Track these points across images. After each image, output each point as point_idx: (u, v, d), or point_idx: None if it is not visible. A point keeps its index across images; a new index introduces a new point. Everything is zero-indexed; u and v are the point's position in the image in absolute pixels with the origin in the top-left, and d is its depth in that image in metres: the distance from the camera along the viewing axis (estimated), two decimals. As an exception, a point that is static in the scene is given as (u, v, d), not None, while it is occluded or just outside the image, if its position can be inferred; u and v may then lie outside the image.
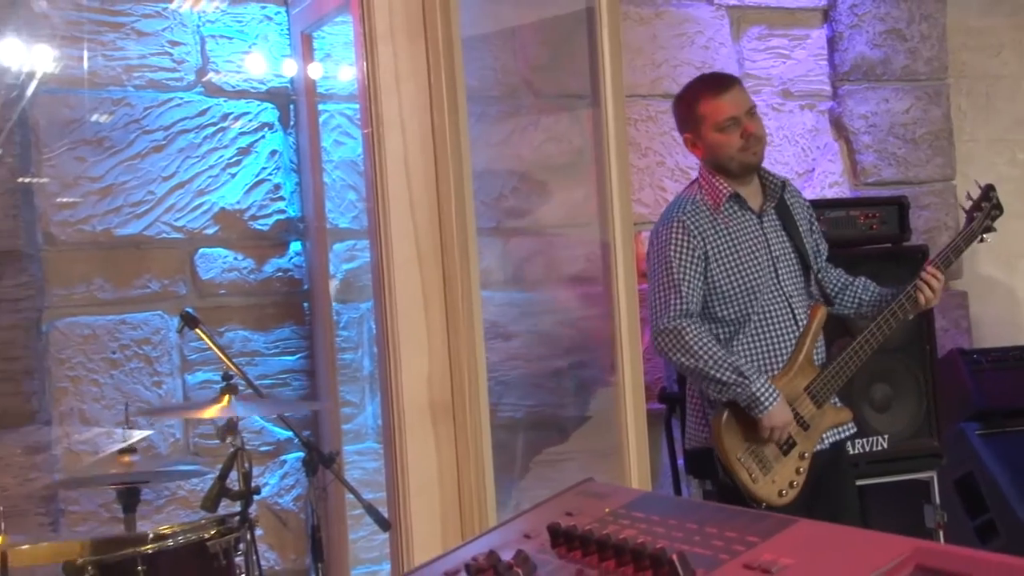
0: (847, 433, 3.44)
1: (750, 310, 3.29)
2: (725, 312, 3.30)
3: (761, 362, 3.29)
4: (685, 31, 4.45)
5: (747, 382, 3.14)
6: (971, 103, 5.02)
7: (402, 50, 1.87)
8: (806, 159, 4.63)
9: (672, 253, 3.25)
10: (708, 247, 3.27)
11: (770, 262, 3.33)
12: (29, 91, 3.51)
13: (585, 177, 3.85)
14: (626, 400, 2.25)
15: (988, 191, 3.54)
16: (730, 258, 3.29)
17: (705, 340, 3.19)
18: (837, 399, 3.40)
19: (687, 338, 3.17)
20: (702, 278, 3.27)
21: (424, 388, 1.90)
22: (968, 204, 3.55)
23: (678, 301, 3.21)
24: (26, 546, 2.61)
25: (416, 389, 1.89)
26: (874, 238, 4.12)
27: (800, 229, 3.43)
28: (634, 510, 1.06)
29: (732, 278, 3.28)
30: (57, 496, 3.53)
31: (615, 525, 1.03)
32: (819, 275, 3.46)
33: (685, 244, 3.26)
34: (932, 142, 4.82)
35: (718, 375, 3.15)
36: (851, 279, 3.51)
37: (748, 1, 4.56)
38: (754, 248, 3.32)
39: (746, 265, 3.29)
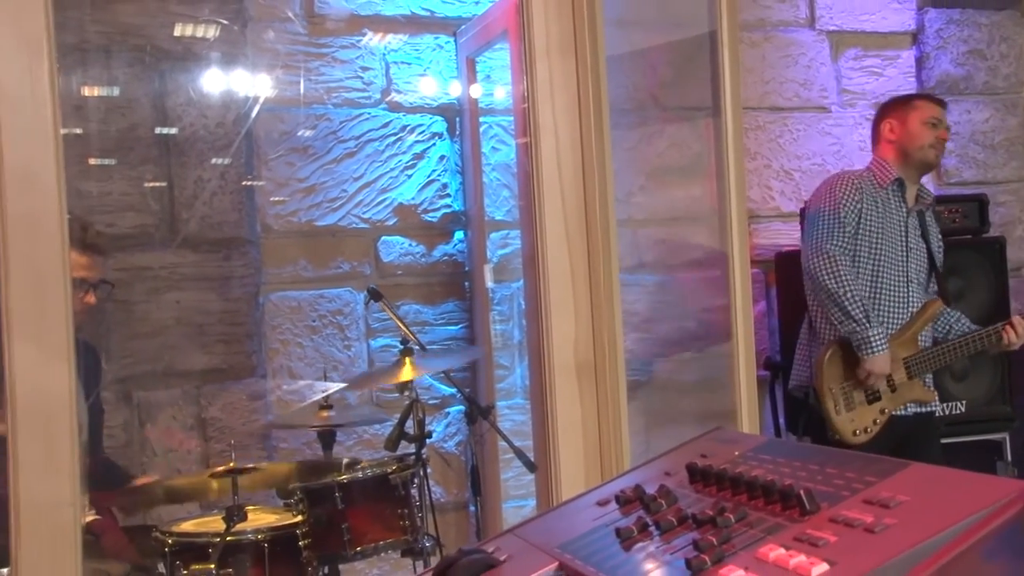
0: (928, 410, 3.37)
1: (876, 278, 3.25)
2: (856, 269, 3.24)
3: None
4: (790, 53, 4.33)
5: (868, 324, 3.10)
6: (1045, 113, 4.80)
7: (556, 66, 1.85)
8: (896, 162, 4.47)
9: (842, 199, 3.25)
10: (864, 209, 3.26)
11: (903, 248, 3.31)
12: (254, 112, 3.61)
13: (702, 178, 3.78)
14: (740, 366, 2.19)
15: None
16: (875, 227, 3.27)
17: (852, 275, 3.17)
18: (929, 380, 3.32)
19: (840, 267, 3.15)
20: (854, 230, 3.25)
21: (571, 350, 1.88)
22: None
23: (841, 236, 3.21)
24: (253, 472, 2.68)
25: (564, 351, 1.87)
26: (957, 231, 3.97)
27: (932, 241, 3.38)
28: (761, 453, 1.03)
29: (870, 244, 3.26)
30: (271, 435, 3.63)
31: (745, 465, 1.00)
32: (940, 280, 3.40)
33: (852, 198, 3.26)
34: (1008, 147, 4.64)
35: (850, 308, 3.11)
36: (952, 311, 3.45)
37: (845, 27, 4.42)
38: (895, 231, 3.32)
39: (885, 240, 3.28)
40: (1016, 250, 4.38)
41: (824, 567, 0.76)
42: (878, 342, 3.10)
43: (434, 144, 3.87)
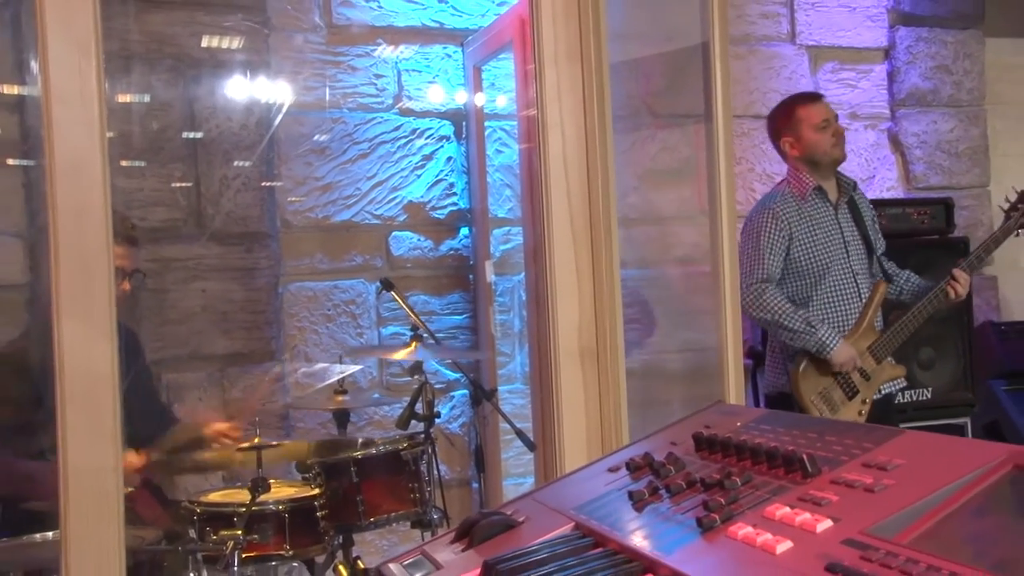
0: (899, 386, 3.36)
1: (822, 282, 3.23)
2: (802, 282, 3.24)
3: (831, 324, 3.21)
4: (773, 65, 4.34)
5: (813, 330, 3.09)
6: (1004, 125, 4.83)
7: (563, 70, 1.86)
8: (869, 168, 4.49)
9: (762, 233, 3.22)
10: (792, 230, 3.21)
11: (842, 245, 3.26)
12: (276, 116, 3.61)
13: (691, 180, 3.79)
14: (728, 354, 2.20)
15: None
16: (809, 239, 3.23)
17: (778, 299, 3.15)
18: (892, 358, 3.31)
19: (764, 297, 3.14)
20: (784, 254, 3.22)
21: (575, 335, 1.88)
22: (1006, 205, 3.39)
23: (760, 270, 3.18)
24: (275, 446, 2.69)
25: (568, 336, 1.88)
26: (924, 231, 4.00)
27: (865, 221, 3.34)
28: (762, 423, 1.04)
29: (810, 255, 3.22)
30: (289, 414, 3.63)
31: (748, 434, 1.01)
32: (880, 261, 3.36)
33: (773, 227, 3.22)
34: (971, 156, 4.67)
35: (790, 324, 3.11)
36: (899, 271, 3.41)
37: (823, 42, 4.44)
38: (829, 232, 3.25)
39: (822, 246, 3.23)
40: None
41: (828, 523, 0.76)
42: (830, 339, 3.10)
43: (442, 146, 3.88)
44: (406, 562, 1.10)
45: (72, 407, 1.65)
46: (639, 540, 0.89)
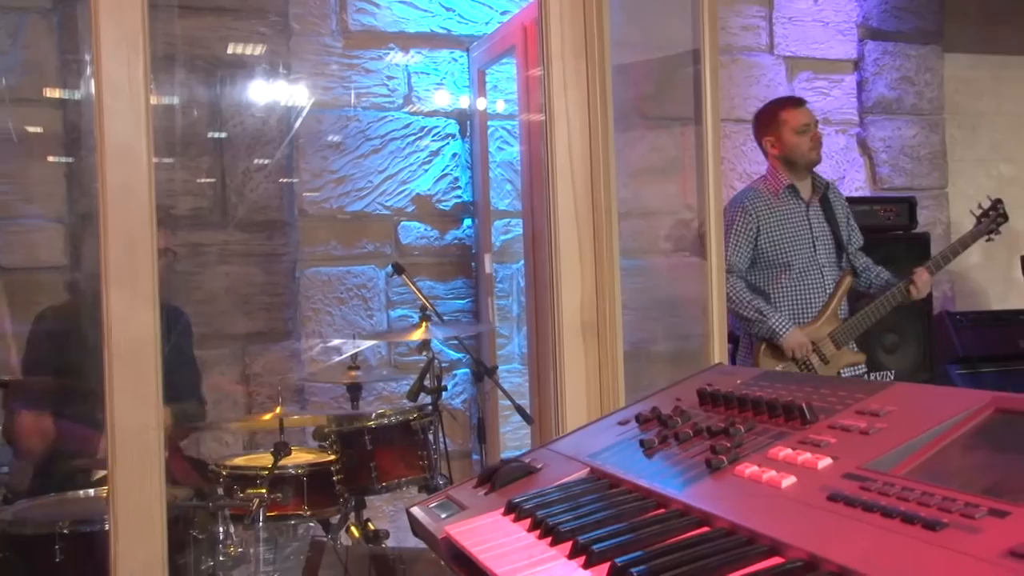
0: (859, 371, 3.38)
1: (788, 272, 3.25)
2: (769, 271, 3.28)
3: (794, 311, 3.25)
4: (752, 73, 4.36)
5: (764, 318, 3.13)
6: (960, 132, 4.88)
7: (569, 65, 1.87)
8: (839, 169, 4.51)
9: (731, 226, 3.25)
10: (760, 224, 3.24)
11: (810, 239, 3.28)
12: (295, 114, 3.61)
13: (677, 178, 3.81)
14: (714, 338, 2.22)
15: (996, 203, 3.40)
16: (777, 233, 3.25)
17: (738, 289, 3.18)
18: (855, 345, 3.33)
19: (726, 286, 3.15)
20: (751, 246, 3.25)
21: (577, 312, 1.90)
22: (978, 211, 3.41)
23: (726, 262, 3.20)
24: (295, 416, 2.70)
25: (572, 313, 1.89)
26: (890, 227, 4.04)
27: (838, 219, 3.35)
28: (761, 381, 1.05)
29: (776, 247, 3.25)
30: (304, 388, 3.64)
31: (748, 390, 1.02)
32: (850, 256, 3.38)
33: (742, 221, 3.25)
34: (931, 160, 4.71)
35: (744, 313, 3.16)
36: (872, 266, 3.42)
37: (799, 53, 4.46)
38: (798, 227, 3.27)
39: (788, 239, 3.25)
40: (937, 246, 4.43)
41: (828, 461, 0.78)
42: (781, 325, 3.13)
43: (447, 143, 3.89)
44: (432, 504, 1.12)
45: (118, 370, 1.65)
46: (651, 481, 0.91)
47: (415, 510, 1.13)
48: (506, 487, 1.06)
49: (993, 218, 3.35)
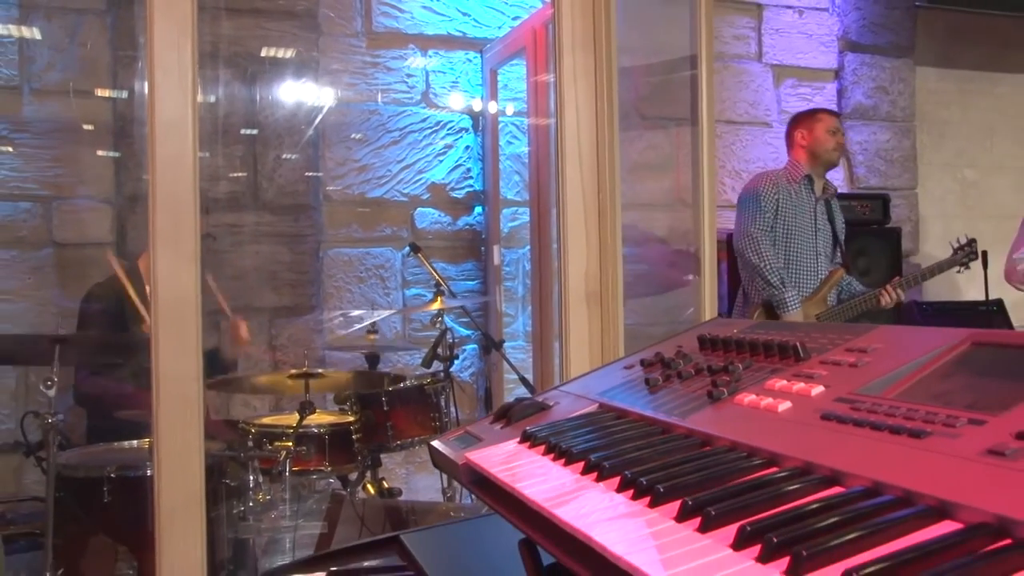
0: None
1: (790, 250, 3.29)
2: (775, 248, 3.29)
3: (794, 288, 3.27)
4: (742, 79, 4.36)
5: (784, 288, 3.16)
6: (929, 139, 4.89)
7: (579, 56, 1.87)
8: (819, 169, 4.52)
9: (762, 192, 3.29)
10: (780, 199, 3.29)
11: (813, 228, 3.33)
12: (322, 107, 3.62)
13: (671, 174, 3.81)
14: (705, 314, 2.23)
15: (971, 242, 3.43)
16: (790, 213, 3.30)
17: (771, 251, 3.22)
18: None
19: (761, 246, 3.19)
20: (772, 217, 3.29)
21: (583, 282, 1.91)
22: (955, 245, 3.45)
23: (762, 220, 3.25)
24: (319, 377, 2.72)
25: (578, 282, 1.90)
26: (867, 221, 4.05)
27: (836, 225, 3.42)
28: (757, 329, 1.06)
29: (786, 226, 3.29)
30: (326, 358, 3.65)
31: (745, 336, 1.03)
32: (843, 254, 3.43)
33: (770, 191, 3.30)
34: (903, 163, 4.72)
35: (770, 277, 3.17)
36: (848, 277, 3.47)
37: (785, 62, 4.46)
38: (805, 216, 3.33)
39: (797, 222, 3.30)
40: (907, 241, 4.45)
41: (821, 388, 0.79)
42: (793, 302, 3.16)
43: (461, 137, 3.89)
44: (451, 438, 1.12)
45: (163, 324, 1.66)
46: (656, 412, 0.92)
47: (436, 443, 1.14)
48: (520, 421, 1.07)
49: (967, 253, 3.40)
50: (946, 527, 0.53)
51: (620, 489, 0.73)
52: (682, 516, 0.64)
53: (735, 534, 0.58)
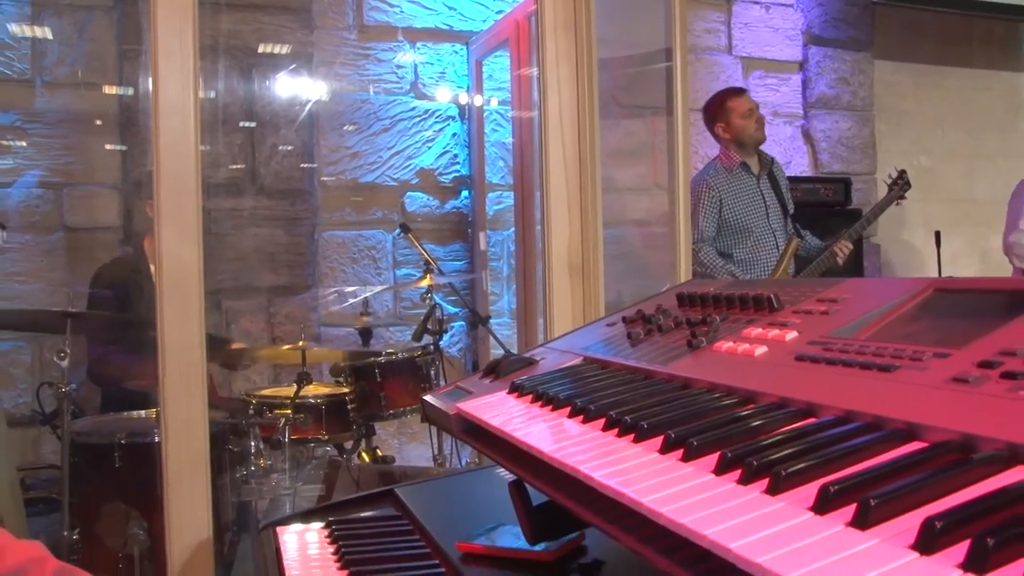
0: None
1: (748, 237, 3.28)
2: (732, 238, 3.29)
3: (754, 271, 3.27)
4: (713, 71, 4.36)
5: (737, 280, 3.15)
6: (887, 127, 4.92)
7: (561, 40, 1.86)
8: (786, 155, 4.53)
9: (699, 201, 3.25)
10: (722, 197, 3.25)
11: (763, 208, 3.30)
12: (317, 96, 3.58)
13: (646, 160, 3.80)
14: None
15: (902, 173, 3.45)
16: (736, 203, 3.27)
17: (711, 256, 3.20)
18: None
19: (700, 255, 3.18)
20: (717, 216, 3.26)
21: (566, 254, 1.90)
22: (888, 180, 3.47)
23: (697, 231, 3.22)
24: (316, 348, 2.70)
25: (560, 254, 1.90)
26: (829, 203, 4.07)
27: (781, 189, 3.39)
28: (732, 286, 1.06)
29: (736, 216, 3.27)
30: (321, 334, 3.64)
31: (721, 292, 1.03)
32: (793, 221, 3.42)
33: (707, 196, 3.25)
34: (863, 150, 4.74)
35: (717, 277, 3.17)
36: (803, 231, 3.46)
37: (753, 54, 4.46)
38: (752, 198, 3.30)
39: (746, 209, 3.27)
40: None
41: (795, 334, 0.79)
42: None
43: (448, 125, 3.87)
44: (443, 392, 1.12)
45: (168, 295, 1.64)
46: (639, 361, 0.92)
47: (428, 398, 1.13)
48: (509, 375, 1.07)
49: (901, 185, 3.41)
50: (914, 446, 0.54)
51: (606, 428, 0.73)
52: (666, 448, 0.64)
53: (716, 461, 0.58)
